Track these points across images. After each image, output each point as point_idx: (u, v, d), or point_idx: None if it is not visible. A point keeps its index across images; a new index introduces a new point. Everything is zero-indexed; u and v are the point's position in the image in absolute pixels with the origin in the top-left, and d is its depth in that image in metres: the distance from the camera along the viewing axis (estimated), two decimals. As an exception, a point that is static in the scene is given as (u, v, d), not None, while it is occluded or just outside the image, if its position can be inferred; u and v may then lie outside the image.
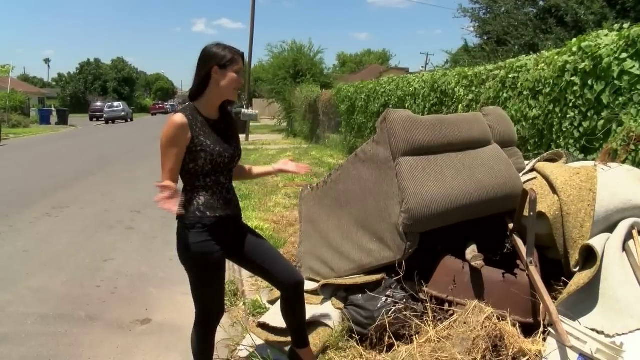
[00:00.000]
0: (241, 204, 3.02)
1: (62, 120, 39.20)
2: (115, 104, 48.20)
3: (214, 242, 2.66)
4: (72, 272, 5.34)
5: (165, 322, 4.23)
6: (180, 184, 2.65)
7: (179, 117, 2.56)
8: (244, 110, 22.53)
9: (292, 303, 3.00)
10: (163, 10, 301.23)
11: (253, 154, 15.53)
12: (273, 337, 3.47)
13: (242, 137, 22.12)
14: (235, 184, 2.90)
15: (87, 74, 77.10)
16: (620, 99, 4.64)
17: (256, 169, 3.22)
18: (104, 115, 44.99)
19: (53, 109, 45.56)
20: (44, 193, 9.64)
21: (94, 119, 48.60)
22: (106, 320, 4.23)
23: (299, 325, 3.07)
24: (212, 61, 2.63)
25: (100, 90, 74.74)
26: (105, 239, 6.61)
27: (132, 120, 48.30)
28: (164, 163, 2.58)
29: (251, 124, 23.83)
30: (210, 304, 2.81)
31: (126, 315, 4.32)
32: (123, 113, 46.08)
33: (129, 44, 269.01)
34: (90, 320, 4.22)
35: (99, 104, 51.66)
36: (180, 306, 4.50)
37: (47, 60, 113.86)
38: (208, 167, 2.63)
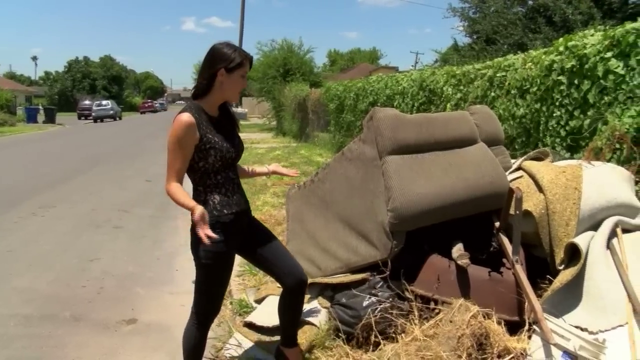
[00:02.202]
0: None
1: (50, 119, 38.87)
2: (104, 102, 47.82)
3: (230, 241, 2.68)
4: (58, 272, 5.29)
5: (152, 322, 4.20)
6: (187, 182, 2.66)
7: (187, 117, 2.55)
8: (232, 109, 22.42)
9: (292, 301, 3.00)
10: (152, 8, 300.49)
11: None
12: (259, 337, 3.47)
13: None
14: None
15: (75, 72, 76.47)
16: (606, 98, 4.67)
17: (252, 169, 3.23)
18: (93, 114, 44.62)
19: (40, 107, 45.13)
20: (31, 192, 9.55)
21: (82, 118, 48.25)
22: (92, 321, 4.19)
23: (292, 324, 3.08)
24: (220, 63, 2.61)
25: (89, 88, 74.14)
26: (93, 239, 6.56)
27: (120, 118, 48.00)
28: (172, 163, 2.57)
29: (240, 122, 23.70)
30: (214, 302, 2.82)
31: (112, 315, 4.29)
32: (112, 111, 45.76)
33: (118, 42, 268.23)
34: (76, 320, 4.18)
35: (87, 102, 51.17)
36: (167, 306, 4.47)
37: (34, 58, 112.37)
38: (218, 163, 2.64)
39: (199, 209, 2.48)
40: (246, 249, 2.92)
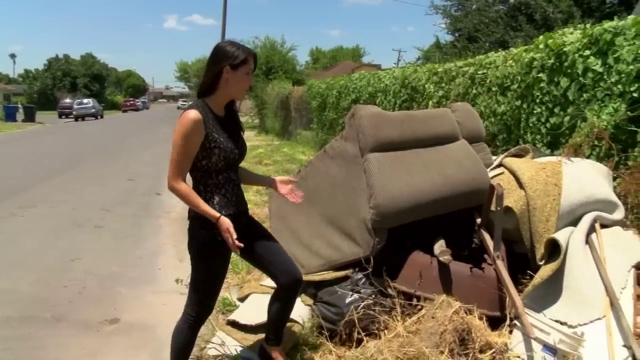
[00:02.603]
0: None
1: (29, 118, 38.26)
2: (85, 100, 47.25)
3: (223, 244, 2.65)
4: (39, 272, 5.22)
5: (134, 321, 4.16)
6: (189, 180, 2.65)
7: (195, 114, 2.55)
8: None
9: (285, 299, 3.00)
10: (134, 5, 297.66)
11: (225, 151, 15.43)
12: (243, 335, 3.46)
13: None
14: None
15: (55, 69, 75.42)
16: (585, 95, 4.72)
17: (254, 176, 3.23)
18: (74, 112, 44.05)
19: (19, 105, 44.42)
20: (9, 192, 9.40)
21: (63, 116, 47.59)
22: (73, 321, 4.14)
23: (280, 323, 3.08)
24: (224, 61, 2.61)
25: (70, 86, 73.18)
26: (74, 238, 6.48)
27: (102, 117, 47.49)
28: (176, 160, 2.56)
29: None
30: (209, 301, 2.83)
31: (94, 315, 4.24)
32: (93, 110, 45.25)
33: (99, 40, 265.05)
34: (57, 321, 4.12)
35: (68, 100, 50.52)
36: (150, 305, 4.44)
37: (12, 56, 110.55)
38: (221, 163, 2.64)
39: (226, 221, 2.55)
40: (243, 247, 2.92)
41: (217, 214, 2.56)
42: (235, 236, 2.53)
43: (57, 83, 73.76)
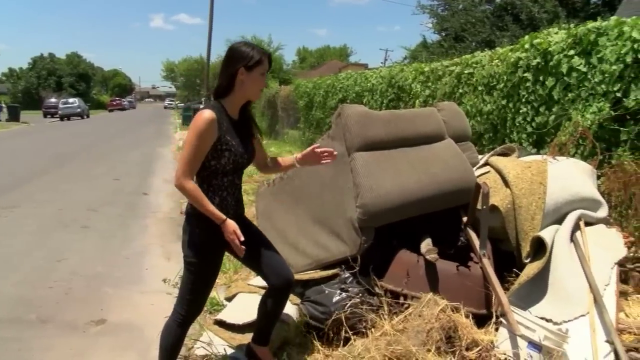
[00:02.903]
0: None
1: (14, 117, 37.81)
2: (71, 100, 46.79)
3: (221, 242, 2.69)
4: (24, 273, 5.17)
5: (121, 322, 4.14)
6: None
7: (210, 114, 2.55)
8: (202, 107, 22.34)
9: (276, 300, 3.00)
10: (120, 4, 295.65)
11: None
12: (230, 334, 3.46)
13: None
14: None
15: (40, 68, 74.57)
16: (570, 94, 4.78)
17: (283, 161, 3.15)
18: (59, 112, 43.59)
19: (3, 105, 43.89)
20: (-6, 192, 9.32)
21: (48, 116, 47.12)
22: (59, 322, 4.10)
23: (270, 323, 3.07)
24: (239, 62, 2.62)
25: (55, 86, 72.41)
26: (60, 239, 6.42)
27: (88, 116, 47.04)
28: (188, 158, 2.55)
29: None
30: (199, 301, 2.83)
31: (80, 316, 4.21)
32: (79, 109, 44.81)
33: (84, 39, 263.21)
34: (42, 322, 4.09)
35: (53, 100, 50.00)
36: (137, 305, 4.41)
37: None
38: (230, 166, 2.65)
39: (231, 224, 2.58)
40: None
41: (223, 217, 2.58)
42: (242, 239, 2.57)
43: (42, 82, 72.94)
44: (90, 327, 4.05)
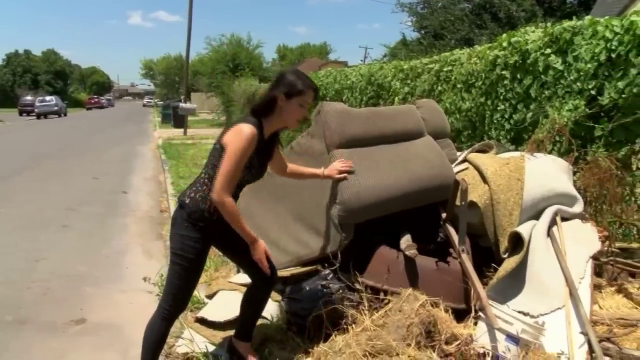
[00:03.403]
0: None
1: (-11, 115, 37.25)
2: (48, 98, 46.14)
3: (208, 239, 2.78)
4: (2, 273, 5.09)
5: (102, 321, 4.11)
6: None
7: (252, 129, 2.59)
8: (181, 105, 22.27)
9: (259, 296, 3.04)
10: (97, 1, 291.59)
11: (191, 148, 15.26)
12: (211, 332, 3.46)
13: (180, 131, 21.59)
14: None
15: (15, 66, 73.33)
16: (546, 92, 4.85)
17: (308, 171, 3.29)
18: (36, 110, 43.00)
19: (-23, 103, 43.09)
20: (-30, 192, 9.16)
21: (24, 114, 46.41)
22: (38, 323, 4.06)
23: (252, 319, 3.10)
24: (281, 88, 2.69)
25: (31, 83, 71.34)
26: (38, 239, 6.35)
27: (66, 115, 46.43)
28: (229, 172, 2.56)
29: (189, 118, 23.49)
30: (184, 296, 2.85)
31: (60, 316, 4.17)
32: (56, 107, 44.21)
33: (61, 36, 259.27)
34: (20, 324, 4.03)
35: (29, 98, 49.23)
36: (117, 305, 4.39)
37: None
38: (243, 181, 2.76)
39: (261, 246, 2.72)
40: (223, 243, 3.00)
41: (256, 238, 2.70)
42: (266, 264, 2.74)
43: (17, 79, 71.77)
44: (70, 327, 4.02)
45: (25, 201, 8.50)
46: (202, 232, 2.71)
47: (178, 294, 2.81)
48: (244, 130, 2.57)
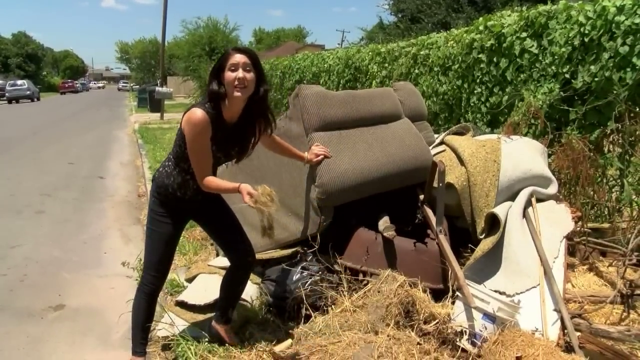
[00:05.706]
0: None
1: (-44, 99, 36.27)
2: (19, 82, 45.11)
3: (176, 215, 2.85)
4: (-25, 261, 5.03)
5: (80, 306, 4.08)
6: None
7: (201, 114, 2.57)
8: (158, 89, 21.99)
9: (237, 277, 3.08)
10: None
11: (168, 132, 15.08)
12: (192, 315, 3.46)
13: (156, 116, 21.29)
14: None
15: (-17, 48, 71.50)
16: (522, 75, 4.91)
17: (291, 150, 3.29)
18: (6, 95, 42.05)
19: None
20: (-60, 179, 8.96)
21: (-6, 99, 45.44)
22: (14, 310, 4.01)
23: (232, 301, 3.13)
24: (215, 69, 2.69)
25: (1, 67, 69.66)
26: (12, 225, 6.25)
27: (39, 99, 45.51)
28: (197, 162, 2.64)
29: (166, 102, 23.21)
30: (161, 267, 2.91)
31: (37, 302, 4.13)
32: (28, 92, 43.24)
33: (32, 18, 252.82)
34: (-4, 311, 4.00)
35: (-1, 81, 48.23)
36: (96, 290, 4.36)
37: None
38: (221, 161, 2.85)
39: (245, 187, 2.58)
40: (202, 219, 3.08)
41: (237, 184, 2.62)
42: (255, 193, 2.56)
43: (-15, 63, 69.86)
44: (48, 313, 3.98)
45: (-3, 187, 8.34)
46: (167, 207, 2.81)
47: (153, 268, 2.89)
48: (192, 117, 2.58)
